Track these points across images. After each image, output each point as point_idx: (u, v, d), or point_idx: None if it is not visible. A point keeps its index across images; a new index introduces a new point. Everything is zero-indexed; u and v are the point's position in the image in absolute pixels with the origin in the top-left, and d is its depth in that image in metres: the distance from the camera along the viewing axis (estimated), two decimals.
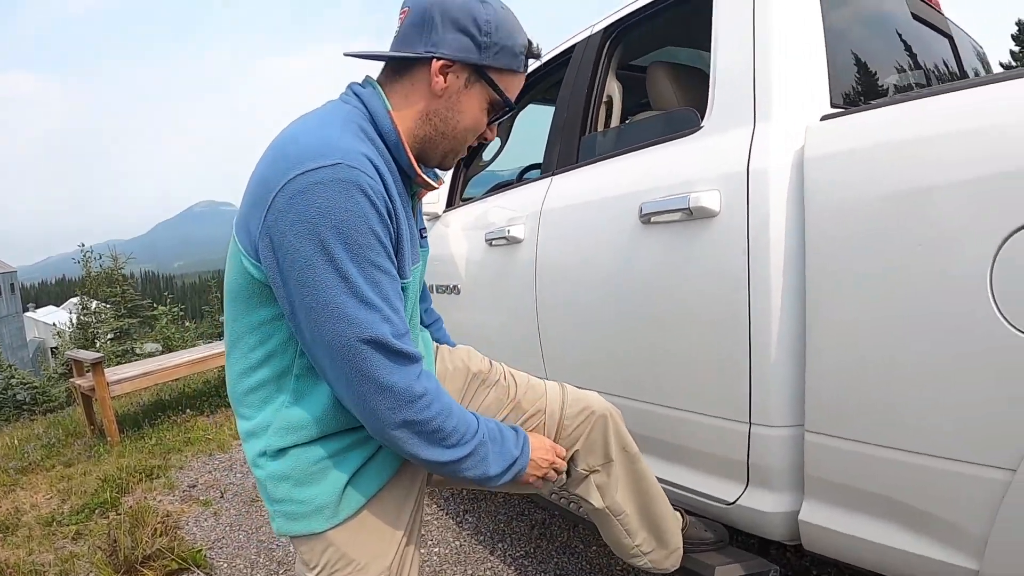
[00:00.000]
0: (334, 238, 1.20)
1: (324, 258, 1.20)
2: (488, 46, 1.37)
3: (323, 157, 1.20)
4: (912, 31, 2.34)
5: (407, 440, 1.30)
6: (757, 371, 1.70)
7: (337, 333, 1.23)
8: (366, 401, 1.26)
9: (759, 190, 1.68)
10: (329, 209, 1.18)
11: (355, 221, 1.21)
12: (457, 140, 1.47)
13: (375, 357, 1.24)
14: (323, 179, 1.19)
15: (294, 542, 1.47)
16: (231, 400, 1.46)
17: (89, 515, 3.88)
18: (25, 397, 13.23)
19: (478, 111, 1.45)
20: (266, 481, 1.40)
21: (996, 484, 1.29)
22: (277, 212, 1.20)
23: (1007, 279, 1.23)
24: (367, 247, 1.23)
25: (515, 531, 3.04)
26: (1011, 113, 1.26)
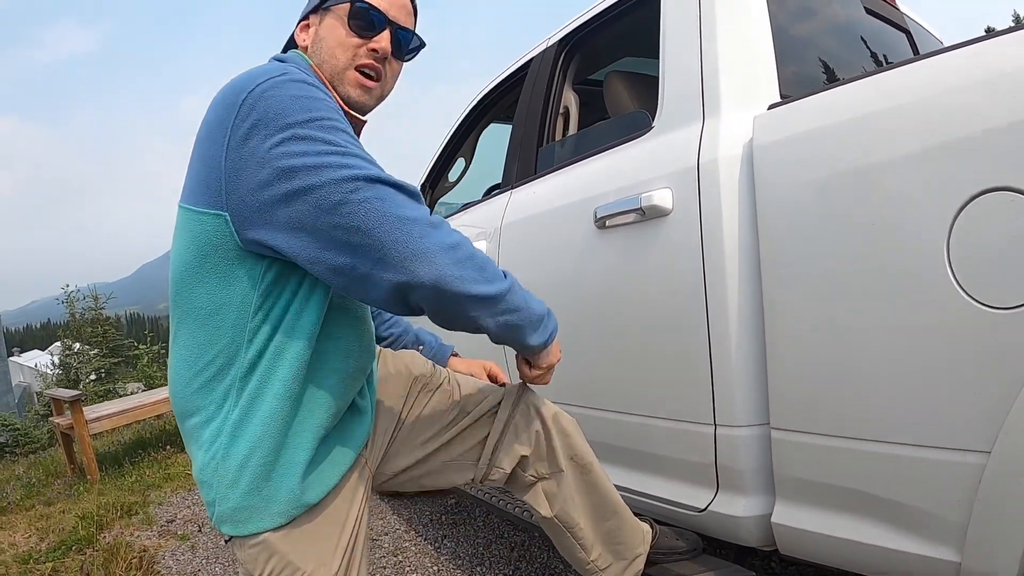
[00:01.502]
0: (302, 120, 1.20)
1: (297, 139, 1.19)
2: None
3: (268, 72, 1.25)
4: (866, 25, 2.34)
5: (450, 268, 1.22)
6: (718, 370, 1.67)
7: (337, 192, 1.18)
8: (396, 244, 1.19)
9: (709, 183, 1.66)
10: (290, 101, 1.21)
11: (317, 104, 1.24)
12: (328, 63, 1.47)
13: (384, 193, 1.21)
14: (275, 83, 1.23)
15: (237, 547, 1.41)
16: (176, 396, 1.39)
17: (66, 552, 3.82)
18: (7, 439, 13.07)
19: (335, 28, 1.47)
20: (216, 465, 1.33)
21: (971, 468, 1.25)
22: (240, 131, 1.20)
23: (965, 252, 1.21)
24: (334, 120, 1.25)
25: (494, 554, 2.99)
26: (955, 83, 1.25)
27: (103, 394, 13.56)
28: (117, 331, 17.49)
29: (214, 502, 1.36)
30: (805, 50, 2.03)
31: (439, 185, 3.68)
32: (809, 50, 2.04)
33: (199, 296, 1.31)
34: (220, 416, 1.33)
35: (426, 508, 3.67)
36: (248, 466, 1.32)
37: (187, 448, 1.43)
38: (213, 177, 1.23)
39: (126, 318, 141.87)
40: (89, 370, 16.12)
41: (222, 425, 1.33)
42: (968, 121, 1.20)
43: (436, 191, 3.69)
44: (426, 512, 3.61)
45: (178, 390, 1.38)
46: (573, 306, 2.12)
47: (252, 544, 1.37)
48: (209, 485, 1.35)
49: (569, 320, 2.14)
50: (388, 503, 3.82)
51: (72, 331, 17.97)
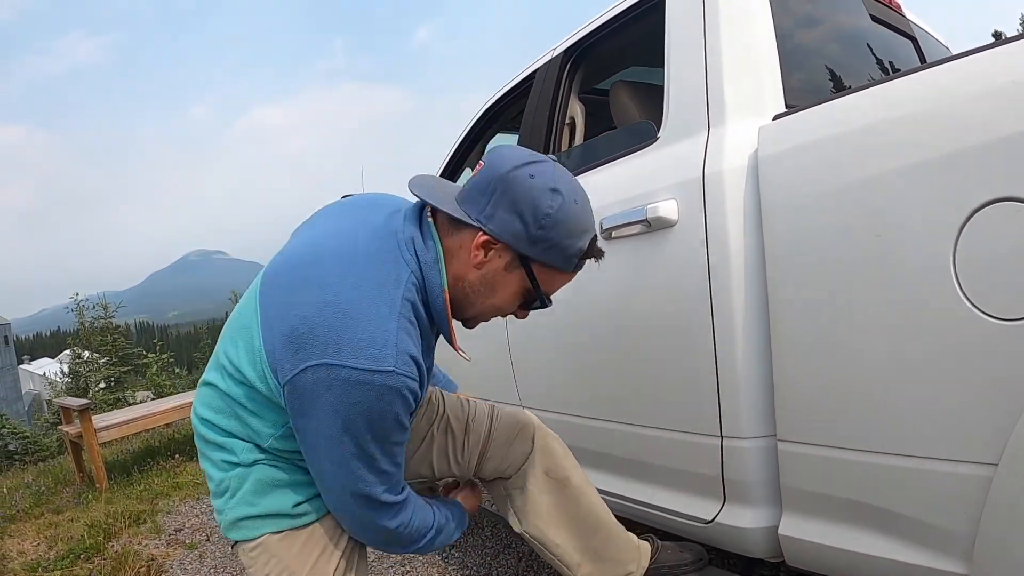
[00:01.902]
0: (364, 427, 1.28)
1: (347, 438, 1.29)
2: (539, 239, 1.35)
3: (374, 360, 1.24)
4: (871, 32, 2.33)
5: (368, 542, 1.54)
6: (724, 381, 1.67)
7: (338, 482, 1.37)
8: (343, 522, 1.49)
9: (715, 195, 1.66)
10: (363, 407, 1.26)
11: (389, 420, 1.30)
12: (481, 312, 1.51)
13: (365, 504, 1.39)
14: (368, 381, 1.24)
15: (240, 552, 1.52)
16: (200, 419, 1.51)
17: (74, 560, 3.82)
18: (16, 447, 13.13)
19: (509, 295, 1.46)
20: (229, 482, 1.46)
21: (978, 481, 1.24)
22: (314, 381, 1.25)
23: (971, 263, 1.20)
24: (394, 433, 1.34)
25: (501, 564, 2.98)
26: (961, 92, 1.24)
27: (112, 402, 13.59)
28: (126, 340, 17.53)
29: (223, 511, 1.48)
30: (810, 59, 2.02)
31: None
32: (814, 59, 2.04)
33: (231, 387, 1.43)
34: (237, 455, 1.46)
35: None
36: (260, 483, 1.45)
37: (201, 458, 1.54)
38: (283, 366, 1.30)
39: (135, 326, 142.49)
40: (98, 378, 16.14)
41: (238, 460, 1.46)
42: (974, 131, 1.19)
43: None
44: None
45: (201, 416, 1.50)
46: (579, 317, 2.12)
47: (252, 548, 1.48)
48: (219, 496, 1.49)
49: (575, 332, 2.15)
50: None
51: (82, 339, 18.01)
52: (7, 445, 13.28)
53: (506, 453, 1.84)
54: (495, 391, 2.68)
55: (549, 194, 1.33)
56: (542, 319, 2.30)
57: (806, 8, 2.08)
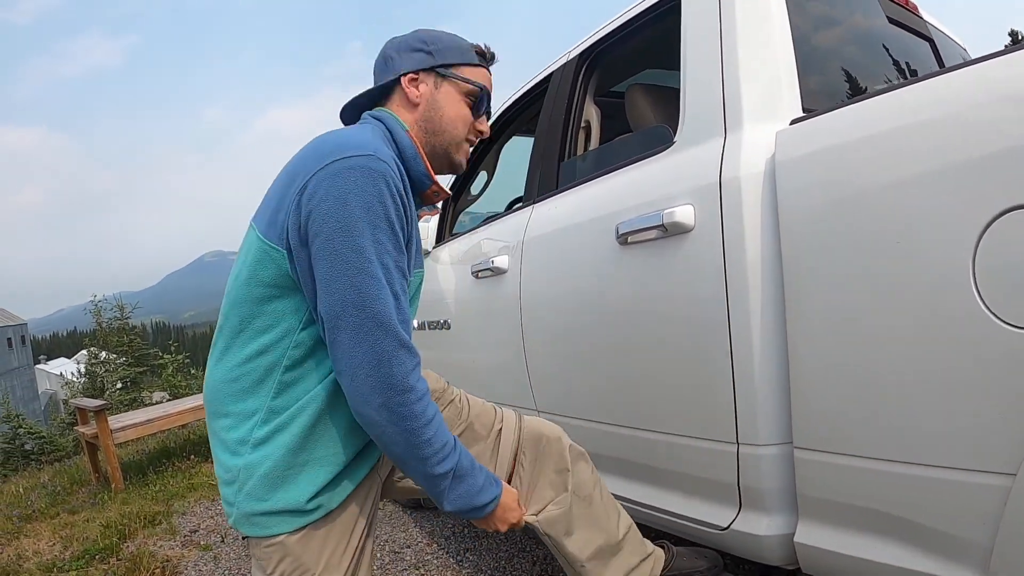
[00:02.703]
0: (360, 216, 1.35)
1: (345, 233, 1.34)
2: (438, 51, 1.65)
3: (358, 148, 1.39)
4: (889, 34, 2.32)
5: (382, 426, 1.39)
6: (741, 388, 1.66)
7: (347, 303, 1.35)
8: (356, 374, 1.37)
9: (731, 201, 1.65)
10: (360, 190, 1.35)
11: (378, 207, 1.37)
12: (449, 132, 1.67)
13: (377, 332, 1.36)
14: (357, 165, 1.36)
15: (252, 545, 1.53)
16: (210, 396, 1.54)
17: (89, 561, 3.84)
18: (32, 447, 13.24)
19: (456, 102, 1.66)
20: (239, 470, 1.46)
21: (996, 491, 1.21)
22: (312, 190, 1.36)
23: (990, 270, 1.18)
24: (384, 232, 1.38)
25: (516, 568, 2.97)
26: (981, 97, 1.22)
27: (128, 403, 13.69)
28: (143, 340, 17.64)
29: (234, 504, 1.48)
30: (827, 62, 2.01)
31: (461, 197, 3.68)
32: (831, 62, 2.02)
33: (243, 316, 1.47)
34: (247, 427, 1.46)
35: (449, 521, 3.67)
36: (269, 478, 1.44)
37: (212, 445, 1.56)
38: (280, 218, 1.41)
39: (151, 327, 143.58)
40: (115, 379, 16.25)
41: (248, 435, 1.46)
42: (995, 136, 1.17)
43: (458, 204, 3.70)
44: (449, 525, 3.61)
45: (212, 390, 1.53)
46: (595, 322, 2.12)
47: (268, 544, 1.49)
48: (230, 485, 1.49)
49: (591, 337, 2.15)
50: (411, 516, 3.82)
51: (98, 340, 18.13)
52: (23, 445, 13.40)
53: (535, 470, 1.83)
54: (511, 396, 2.67)
55: (419, 31, 1.70)
56: (559, 323, 2.31)
57: (823, 10, 2.07)
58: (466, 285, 2.99)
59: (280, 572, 1.49)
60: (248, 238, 1.50)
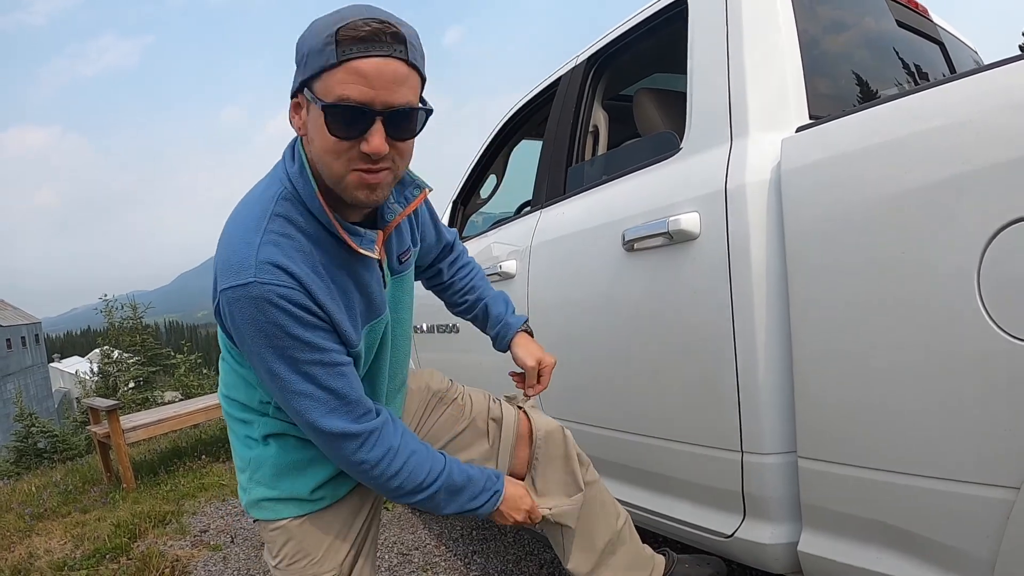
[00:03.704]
0: (262, 344, 1.33)
1: (260, 360, 1.36)
2: (298, 62, 1.27)
3: (236, 275, 1.29)
4: (898, 38, 2.30)
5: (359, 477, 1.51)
6: (745, 396, 1.66)
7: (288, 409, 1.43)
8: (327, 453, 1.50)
9: (737, 209, 1.65)
10: (251, 321, 1.31)
11: (274, 330, 1.31)
12: (327, 170, 1.31)
13: (315, 435, 1.44)
14: (239, 297, 1.30)
15: (261, 527, 1.64)
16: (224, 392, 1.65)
17: (100, 560, 3.86)
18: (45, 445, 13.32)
19: (320, 128, 1.26)
20: (250, 460, 1.59)
21: (999, 504, 1.21)
22: (221, 315, 1.39)
23: (996, 282, 1.17)
24: (292, 349, 1.34)
25: (523, 571, 2.97)
26: (990, 105, 1.21)
27: (141, 402, 13.76)
28: (155, 340, 17.71)
29: (246, 489, 1.62)
30: (835, 67, 2.00)
31: (471, 201, 3.68)
32: (839, 67, 2.01)
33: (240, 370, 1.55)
34: (255, 425, 1.58)
35: (457, 523, 3.67)
36: (276, 468, 1.57)
37: (229, 432, 1.70)
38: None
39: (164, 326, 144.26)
40: (127, 378, 16.33)
41: (256, 432, 1.58)
42: (1003, 146, 1.16)
43: (468, 207, 3.70)
44: (457, 527, 3.61)
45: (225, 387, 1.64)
46: (601, 328, 2.12)
47: (273, 528, 1.60)
48: (243, 472, 1.63)
49: (597, 343, 2.15)
50: (420, 518, 3.82)
51: (111, 339, 18.22)
52: (37, 443, 13.48)
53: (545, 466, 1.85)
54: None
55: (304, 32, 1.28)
56: (566, 329, 2.31)
57: (831, 15, 2.06)
58: None
59: (284, 554, 1.58)
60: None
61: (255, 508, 1.61)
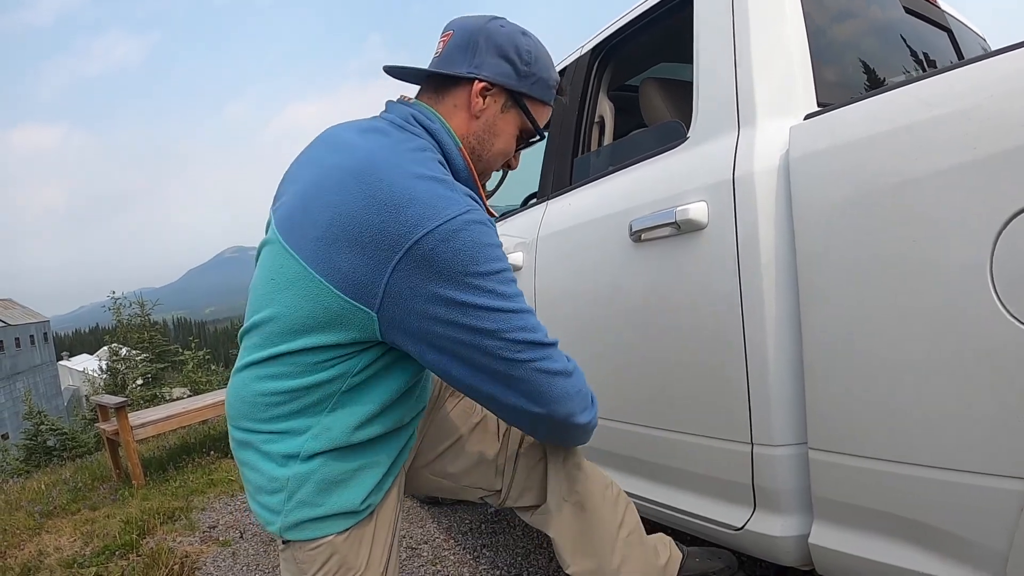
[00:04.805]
0: (485, 272, 1.25)
1: (482, 293, 1.25)
2: (527, 75, 1.48)
3: (451, 206, 1.24)
4: (906, 25, 2.28)
5: (576, 407, 1.41)
6: (755, 387, 1.64)
7: (507, 349, 1.29)
8: (549, 392, 1.35)
9: (745, 198, 1.62)
10: (475, 247, 1.24)
11: (495, 251, 1.29)
12: (488, 163, 1.55)
13: (543, 354, 1.33)
14: (465, 223, 1.23)
15: (292, 550, 1.46)
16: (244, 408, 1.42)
17: (109, 557, 3.87)
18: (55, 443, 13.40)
19: (510, 136, 1.54)
20: (288, 480, 1.38)
21: (1012, 495, 1.19)
22: (413, 262, 1.22)
23: (1009, 270, 1.15)
24: (506, 268, 1.31)
25: (532, 565, 2.96)
26: (1001, 90, 1.19)
27: (149, 399, 13.82)
28: (163, 337, 17.78)
29: (280, 512, 1.40)
30: (843, 54, 1.98)
31: None
32: (847, 54, 1.99)
33: (306, 347, 1.34)
34: (296, 442, 1.38)
35: (466, 517, 3.66)
36: (323, 484, 1.39)
37: (242, 452, 1.47)
38: (370, 282, 1.25)
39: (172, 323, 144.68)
40: (136, 375, 16.39)
41: (298, 450, 1.38)
42: (1017, 131, 1.14)
43: None
44: (466, 521, 3.60)
45: (246, 403, 1.42)
46: (609, 320, 2.10)
47: (314, 547, 1.43)
48: (275, 495, 1.40)
49: (605, 334, 2.13)
50: (428, 511, 3.82)
51: (119, 336, 18.30)
52: (46, 441, 13.56)
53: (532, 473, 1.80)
54: None
55: (522, 37, 1.48)
56: (574, 321, 2.29)
57: (838, 2, 2.03)
58: None
59: (323, 573, 1.43)
60: (297, 278, 1.31)
61: (294, 530, 1.41)
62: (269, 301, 1.36)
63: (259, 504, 1.45)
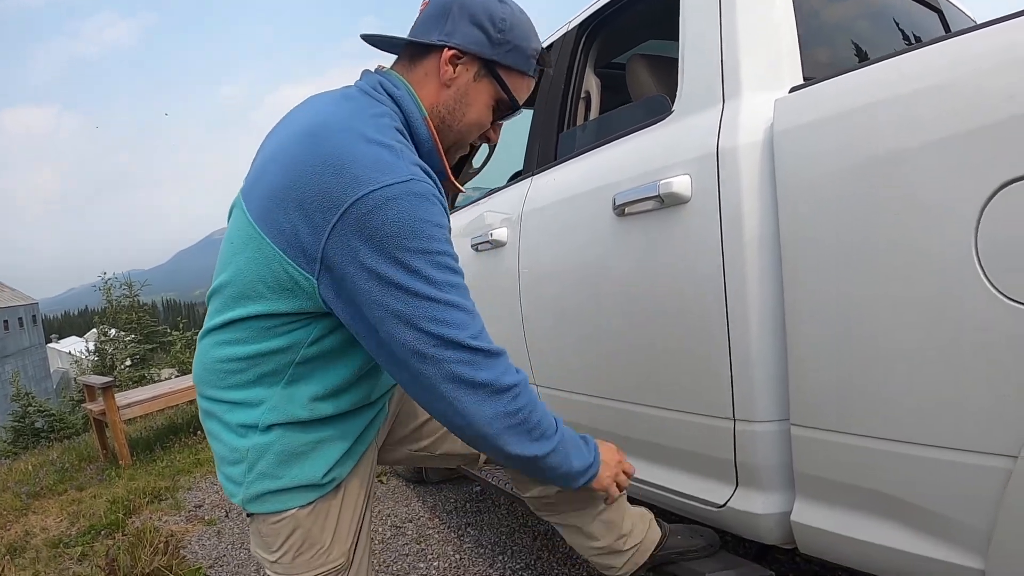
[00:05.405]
0: (415, 249, 1.21)
1: (405, 271, 1.21)
2: (500, 42, 1.41)
3: (392, 173, 1.20)
4: (895, 2, 2.26)
5: (497, 435, 1.32)
6: (737, 363, 1.62)
7: (423, 341, 1.24)
8: (455, 403, 1.28)
9: (729, 171, 1.60)
10: (409, 221, 1.20)
11: (432, 231, 1.23)
12: (461, 134, 1.49)
13: (463, 358, 1.27)
14: (401, 193, 1.19)
15: (257, 523, 1.46)
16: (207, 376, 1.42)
17: (95, 536, 3.90)
18: (43, 425, 13.38)
19: (483, 106, 1.47)
20: (248, 450, 1.37)
21: (997, 473, 1.18)
22: (349, 226, 1.19)
23: (994, 244, 1.14)
24: (444, 251, 1.27)
25: (517, 543, 2.97)
26: (987, 64, 1.17)
27: (137, 380, 13.81)
28: (152, 318, 17.76)
29: (241, 483, 1.40)
30: (830, 29, 1.96)
31: (463, 171, 3.64)
32: (835, 29, 1.97)
33: (262, 311, 1.32)
34: (255, 413, 1.37)
35: (451, 495, 3.67)
36: (283, 456, 1.37)
37: (207, 421, 1.46)
38: (309, 245, 1.23)
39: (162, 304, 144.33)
40: (124, 356, 16.37)
41: (256, 420, 1.37)
42: (1001, 104, 1.12)
43: (460, 177, 3.65)
44: (451, 499, 3.61)
45: (209, 370, 1.41)
46: (592, 295, 2.08)
47: (277, 520, 1.42)
48: (235, 465, 1.40)
49: (588, 309, 2.11)
50: (414, 490, 3.82)
51: (108, 318, 18.26)
52: (34, 423, 13.54)
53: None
54: None
55: (498, 4, 1.41)
56: (558, 296, 2.27)
57: None
58: (466, 258, 2.95)
59: (288, 546, 1.43)
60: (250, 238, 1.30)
61: (255, 502, 1.40)
62: (227, 264, 1.36)
63: (224, 475, 1.45)
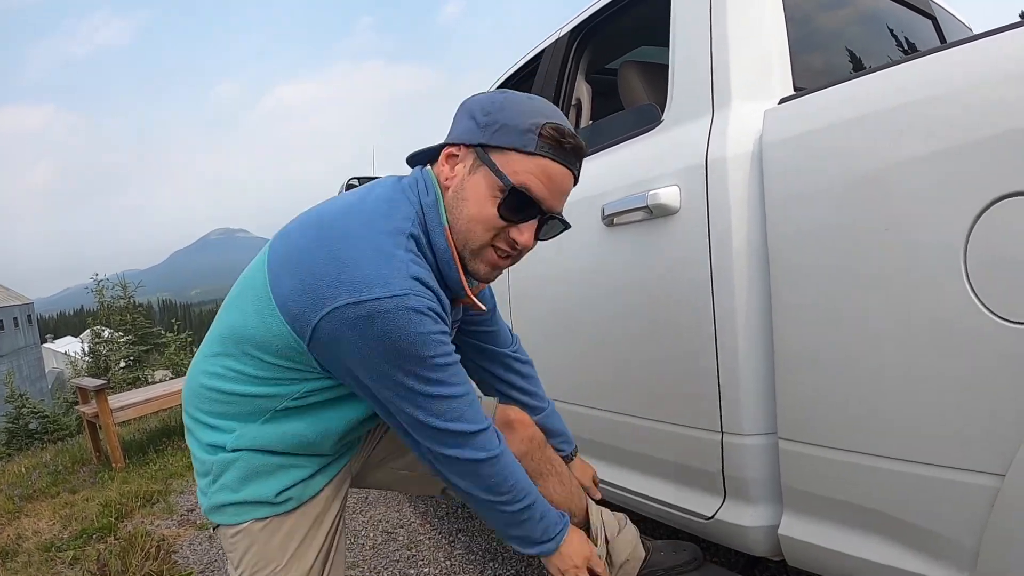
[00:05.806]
0: (404, 355, 1.24)
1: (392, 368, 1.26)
2: (487, 124, 1.32)
3: (385, 286, 1.20)
4: (888, 12, 2.25)
5: (466, 492, 1.42)
6: (725, 375, 1.62)
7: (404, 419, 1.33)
8: (434, 464, 1.39)
9: (717, 182, 1.60)
10: (398, 334, 1.21)
11: (421, 339, 1.24)
12: (468, 234, 1.35)
13: (442, 440, 1.34)
14: (392, 308, 1.20)
15: (221, 535, 1.51)
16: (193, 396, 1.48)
17: (87, 540, 3.87)
18: (36, 426, 13.34)
19: (482, 198, 1.32)
20: (214, 465, 1.44)
21: (984, 491, 1.17)
22: (339, 322, 1.21)
23: (983, 260, 1.13)
24: (433, 355, 1.27)
25: (507, 550, 2.95)
26: (978, 77, 1.16)
27: (131, 381, 13.77)
28: (146, 318, 17.72)
29: (207, 493, 1.47)
30: (822, 39, 1.95)
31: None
32: (826, 39, 1.96)
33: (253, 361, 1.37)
34: (226, 437, 1.43)
35: (442, 502, 3.65)
36: (243, 472, 1.43)
37: (188, 439, 1.53)
38: (302, 315, 1.25)
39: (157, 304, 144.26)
40: (118, 357, 16.32)
41: (224, 443, 1.43)
42: (992, 118, 1.12)
43: None
44: (442, 506, 3.59)
45: (195, 393, 1.46)
46: (581, 305, 2.08)
47: (234, 533, 1.47)
48: (204, 476, 1.47)
49: (576, 319, 2.11)
50: (405, 497, 3.81)
51: (101, 318, 18.22)
52: (28, 424, 13.50)
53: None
54: None
55: (498, 94, 1.36)
56: (547, 305, 2.27)
57: None
58: None
59: (246, 564, 1.47)
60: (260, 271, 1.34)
61: (216, 512, 1.47)
62: (234, 302, 1.40)
63: (198, 484, 1.51)
